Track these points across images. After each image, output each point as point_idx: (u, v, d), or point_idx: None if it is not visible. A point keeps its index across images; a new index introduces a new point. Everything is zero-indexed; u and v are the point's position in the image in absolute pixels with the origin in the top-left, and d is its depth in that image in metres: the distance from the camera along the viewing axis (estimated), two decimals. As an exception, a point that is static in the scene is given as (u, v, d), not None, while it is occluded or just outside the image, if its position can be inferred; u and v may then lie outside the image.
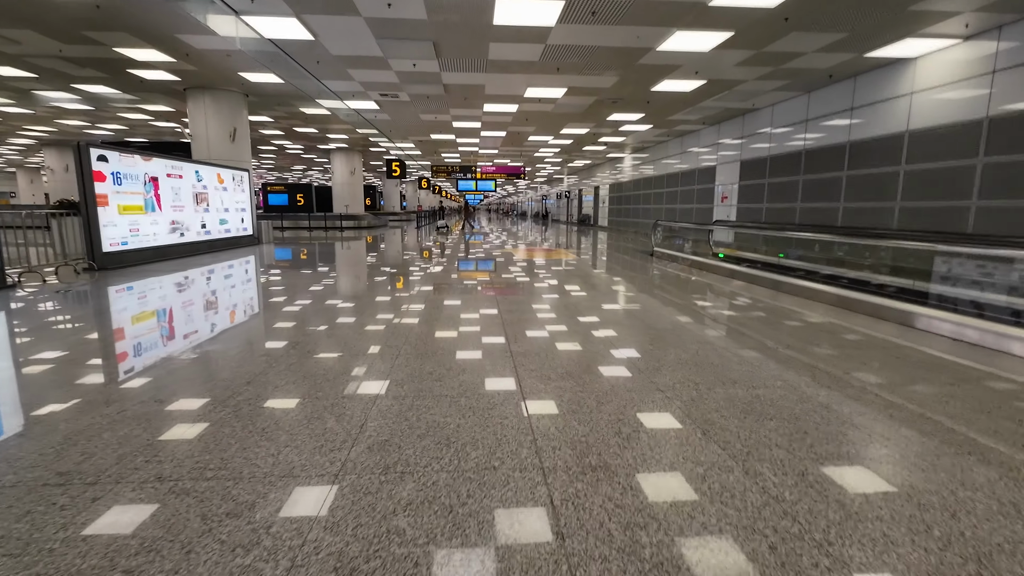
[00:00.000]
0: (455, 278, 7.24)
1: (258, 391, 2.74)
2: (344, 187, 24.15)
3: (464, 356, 3.43)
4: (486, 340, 3.82)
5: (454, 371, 3.11)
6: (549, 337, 3.95)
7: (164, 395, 2.67)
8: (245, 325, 4.41)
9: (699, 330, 4.28)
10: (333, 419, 2.39)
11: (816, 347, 3.77)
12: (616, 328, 4.30)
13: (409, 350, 3.54)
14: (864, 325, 4.52)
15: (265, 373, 3.04)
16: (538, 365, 3.23)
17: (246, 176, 13.11)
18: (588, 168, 28.25)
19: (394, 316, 4.66)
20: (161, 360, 3.32)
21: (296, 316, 4.65)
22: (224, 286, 6.82)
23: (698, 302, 5.71)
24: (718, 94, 10.21)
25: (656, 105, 11.42)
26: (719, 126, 13.79)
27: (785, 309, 5.27)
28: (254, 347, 3.64)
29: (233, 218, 12.39)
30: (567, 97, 10.65)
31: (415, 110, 12.39)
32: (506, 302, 5.39)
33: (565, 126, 14.40)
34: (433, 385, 2.88)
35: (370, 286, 6.55)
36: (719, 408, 2.56)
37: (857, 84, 8.85)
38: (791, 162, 10.71)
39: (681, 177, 16.35)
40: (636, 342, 3.84)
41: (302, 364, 3.22)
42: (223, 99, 12.57)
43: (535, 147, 19.64)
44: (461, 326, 4.27)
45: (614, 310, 5.13)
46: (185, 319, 4.70)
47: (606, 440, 2.19)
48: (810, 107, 10.10)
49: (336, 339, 3.84)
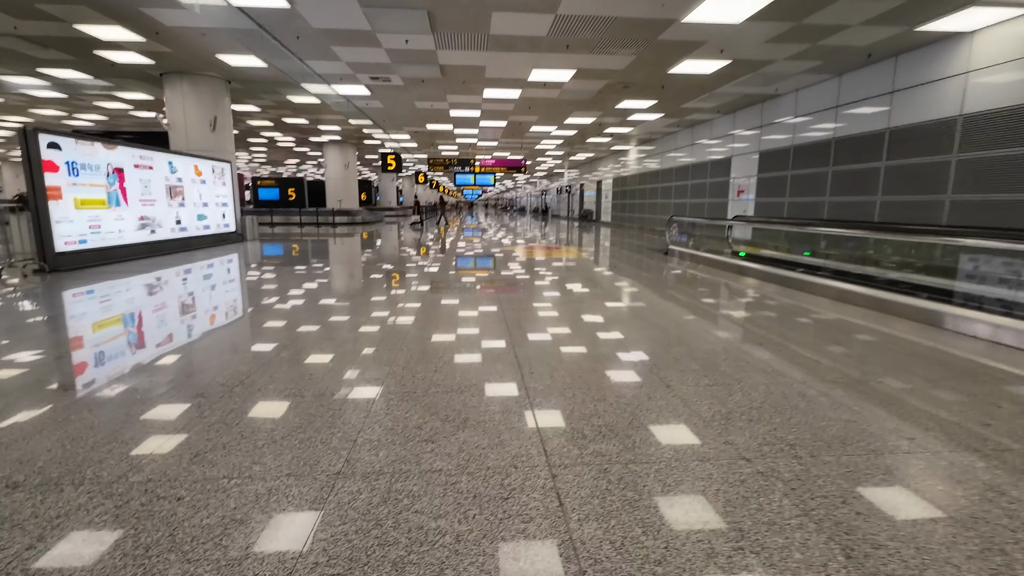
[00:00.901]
0: (451, 282, 6.40)
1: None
2: (338, 181, 23.27)
3: (469, 401, 2.57)
4: (495, 387, 2.97)
5: (455, 425, 2.26)
6: (571, 368, 3.09)
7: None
8: (210, 338, 3.55)
9: (759, 356, 3.43)
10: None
11: (925, 385, 2.92)
12: (652, 349, 3.45)
13: (405, 385, 2.69)
14: (941, 341, 3.68)
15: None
16: (569, 427, 2.38)
17: (228, 168, 12.20)
18: (590, 162, 27.34)
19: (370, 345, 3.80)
20: (98, 385, 2.47)
21: (270, 329, 3.79)
22: (193, 291, 5.95)
23: (738, 313, 4.86)
24: (741, 77, 9.33)
25: (671, 91, 10.53)
26: (734, 115, 12.91)
27: (848, 324, 4.42)
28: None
29: (213, 213, 11.49)
30: (575, 81, 9.75)
31: (409, 97, 11.48)
32: (513, 313, 4.53)
33: (570, 115, 13.49)
34: (430, 457, 2.02)
35: (355, 289, 5.69)
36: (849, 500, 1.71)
37: (899, 64, 7.98)
38: (818, 152, 9.84)
39: (692, 170, 15.47)
40: (686, 379, 2.98)
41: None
42: (203, 85, 11.66)
43: (536, 139, 18.73)
44: (460, 357, 3.42)
45: (648, 327, 4.28)
46: (141, 332, 3.94)
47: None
48: (841, 91, 9.22)
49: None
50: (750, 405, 2.50)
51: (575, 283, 6.34)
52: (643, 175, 19.69)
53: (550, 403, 2.49)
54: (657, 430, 2.22)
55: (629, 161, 21.32)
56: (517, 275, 6.93)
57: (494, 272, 7.28)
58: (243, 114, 15.66)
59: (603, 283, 6.45)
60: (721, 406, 2.48)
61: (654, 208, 18.62)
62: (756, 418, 2.34)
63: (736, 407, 2.47)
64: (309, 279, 6.64)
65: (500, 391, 2.65)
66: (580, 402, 2.50)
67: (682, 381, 2.82)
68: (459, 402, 2.50)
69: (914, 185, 7.76)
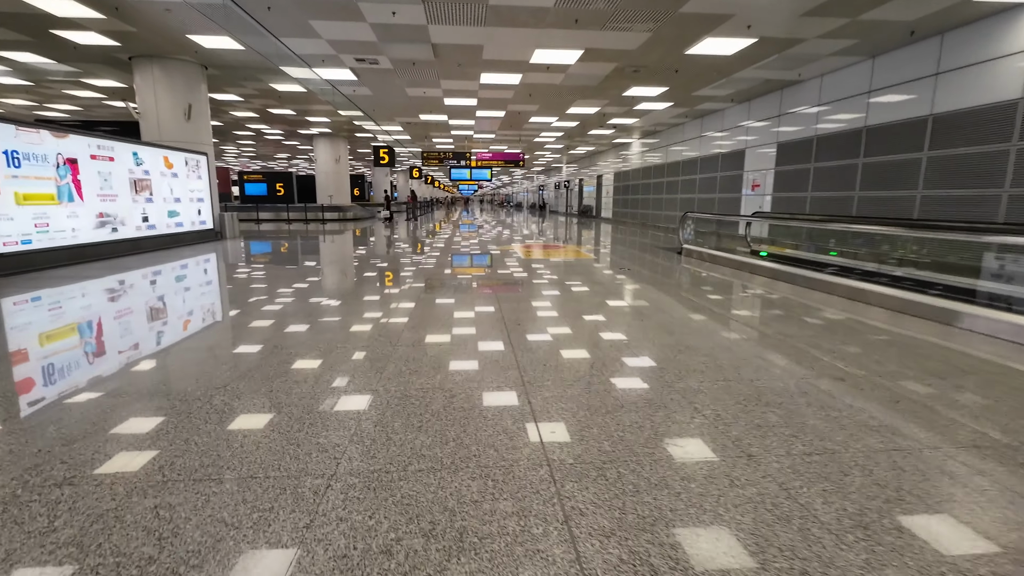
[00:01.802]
0: (442, 287, 5.54)
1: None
2: (328, 176, 22.35)
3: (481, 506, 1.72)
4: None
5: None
6: (595, 409, 2.25)
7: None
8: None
9: (844, 400, 2.59)
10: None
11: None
12: (703, 387, 2.61)
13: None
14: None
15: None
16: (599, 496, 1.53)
17: (204, 161, 11.27)
18: (590, 156, 26.47)
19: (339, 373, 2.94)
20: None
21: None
22: (156, 297, 5.08)
23: (788, 329, 4.02)
24: (765, 59, 8.48)
25: (685, 75, 9.67)
26: (749, 104, 12.07)
27: (924, 344, 3.59)
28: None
29: (186, 210, 10.56)
30: (581, 64, 8.88)
31: (400, 83, 10.57)
32: (518, 337, 3.69)
33: (573, 104, 12.61)
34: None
35: (335, 293, 4.82)
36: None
37: (945, 43, 7.15)
38: (846, 143, 9.02)
39: (701, 163, 14.64)
40: (768, 443, 2.14)
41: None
42: (175, 70, 10.74)
43: (536, 131, 17.83)
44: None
45: (683, 348, 3.44)
46: (93, 346, 3.35)
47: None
48: (875, 75, 8.39)
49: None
50: (838, 470, 1.66)
51: (586, 290, 5.50)
52: (646, 169, 18.84)
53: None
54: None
55: (632, 155, 20.46)
56: (515, 275, 6.08)
57: (490, 272, 6.44)
58: (225, 104, 14.71)
59: (619, 290, 5.61)
60: (787, 454, 1.65)
61: (659, 204, 17.79)
62: (829, 476, 1.51)
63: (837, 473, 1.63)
64: (288, 281, 5.78)
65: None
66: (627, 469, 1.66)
67: (765, 449, 1.99)
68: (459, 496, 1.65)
69: (963, 178, 6.94)
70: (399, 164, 36.85)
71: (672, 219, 16.59)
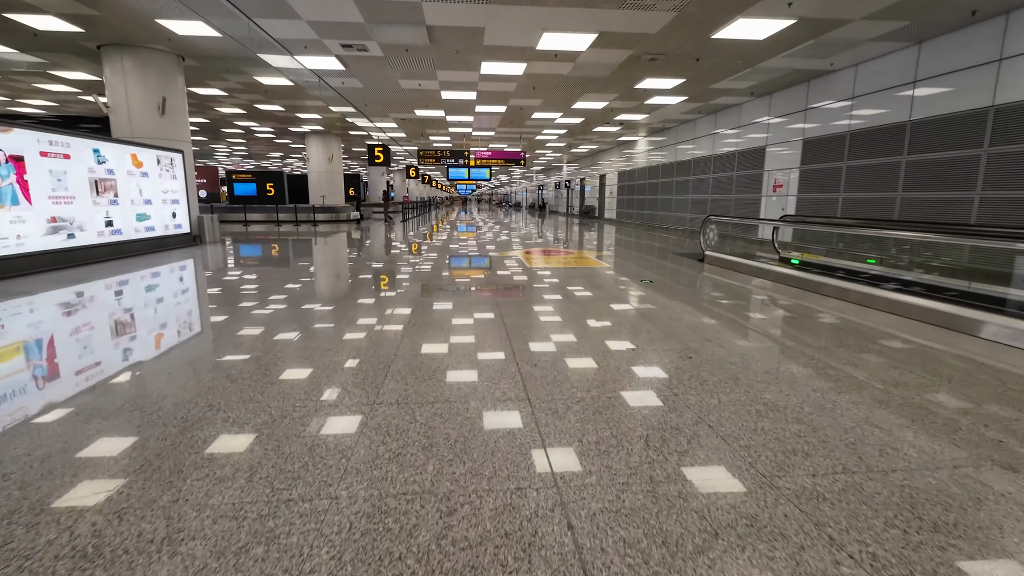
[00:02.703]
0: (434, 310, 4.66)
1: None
2: (321, 175, 21.47)
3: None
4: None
5: None
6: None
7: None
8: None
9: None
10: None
11: None
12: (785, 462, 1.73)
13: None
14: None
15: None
16: None
17: (179, 159, 10.35)
18: (592, 155, 25.60)
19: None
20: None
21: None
22: (108, 315, 4.19)
23: (904, 378, 3.14)
24: (799, 45, 7.60)
25: (707, 64, 8.79)
26: (770, 98, 11.20)
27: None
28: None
29: (159, 212, 9.64)
30: (593, 52, 8.00)
31: (392, 74, 9.67)
32: (530, 371, 2.81)
33: (580, 98, 11.73)
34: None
35: (309, 309, 3.95)
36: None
37: (1010, 23, 6.29)
38: (886, 139, 8.16)
39: (714, 162, 13.76)
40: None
41: None
42: (148, 61, 9.85)
43: (537, 128, 16.95)
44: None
45: (750, 402, 2.55)
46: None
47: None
48: (921, 62, 7.53)
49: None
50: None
51: (607, 312, 4.62)
52: (653, 168, 17.97)
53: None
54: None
55: (637, 153, 19.59)
56: (520, 288, 5.20)
57: (489, 281, 5.56)
58: (209, 99, 13.83)
59: (650, 312, 4.74)
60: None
61: (667, 205, 16.92)
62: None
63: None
64: (263, 292, 4.89)
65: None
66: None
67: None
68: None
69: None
70: (396, 163, 35.93)
71: (681, 221, 15.73)
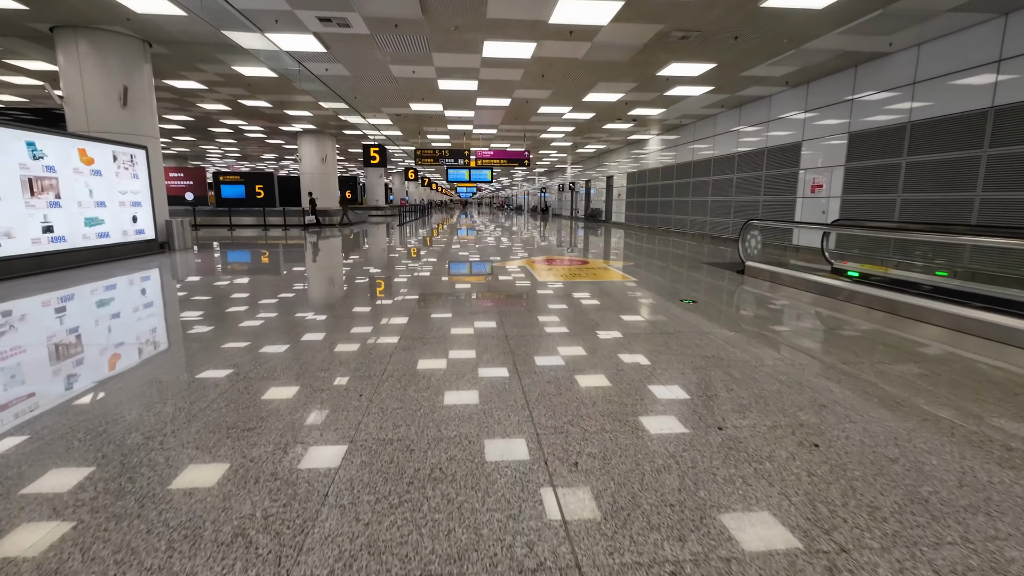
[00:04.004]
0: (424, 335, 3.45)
1: None
2: (314, 177, 20.36)
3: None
4: None
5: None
6: None
7: None
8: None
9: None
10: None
11: None
12: None
13: None
14: None
15: None
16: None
17: (143, 156, 9.16)
18: (599, 155, 24.42)
19: None
20: None
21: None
22: (19, 345, 3.04)
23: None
24: (864, 16, 6.38)
25: (746, 43, 7.58)
26: (807, 88, 9.99)
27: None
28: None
29: (116, 216, 8.44)
30: (616, 26, 6.81)
31: (381, 57, 8.48)
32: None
33: (594, 88, 10.53)
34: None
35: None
36: None
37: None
38: (961, 130, 6.94)
39: (740, 160, 12.55)
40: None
41: None
42: (107, 45, 8.73)
43: (543, 125, 15.77)
44: None
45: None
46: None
47: None
48: (1008, 36, 6.32)
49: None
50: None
51: (653, 350, 3.41)
52: (667, 169, 16.76)
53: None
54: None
55: (649, 153, 18.39)
56: (529, 310, 3.99)
57: (481, 310, 4.35)
58: (189, 94, 12.69)
59: (716, 354, 3.51)
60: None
61: (682, 207, 15.70)
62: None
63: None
64: (218, 310, 3.70)
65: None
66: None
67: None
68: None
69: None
70: (395, 165, 34.78)
71: (700, 225, 14.52)
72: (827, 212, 9.49)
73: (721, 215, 13.40)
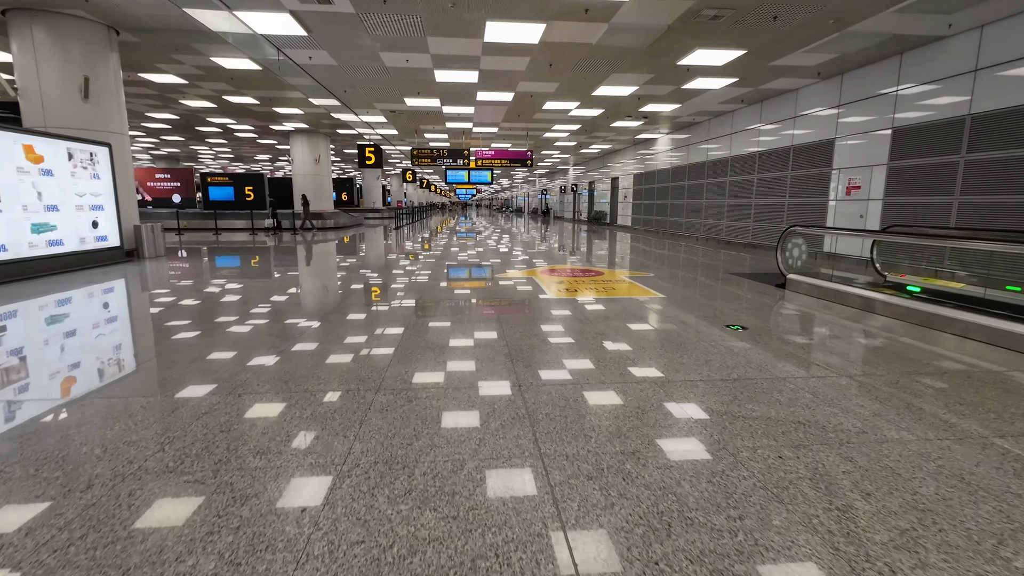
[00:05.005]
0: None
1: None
2: (306, 178, 19.47)
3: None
4: None
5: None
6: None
7: None
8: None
9: None
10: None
11: None
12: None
13: None
14: None
15: None
16: None
17: (105, 153, 8.23)
18: (603, 156, 23.52)
19: None
20: None
21: None
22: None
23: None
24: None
25: (786, 24, 6.67)
26: (842, 78, 9.08)
27: None
28: None
29: (71, 222, 7.51)
30: (639, 3, 5.89)
31: (370, 42, 7.56)
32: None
33: (606, 80, 9.61)
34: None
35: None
36: None
37: None
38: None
39: (760, 160, 11.63)
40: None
41: None
42: (67, 31, 7.88)
43: (547, 124, 14.86)
44: None
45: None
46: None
47: None
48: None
49: None
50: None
51: (724, 410, 2.49)
52: (678, 170, 15.85)
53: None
54: None
55: (658, 153, 17.48)
56: (544, 348, 3.07)
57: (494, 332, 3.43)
58: (169, 89, 11.80)
59: (804, 418, 2.59)
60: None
61: (695, 210, 14.78)
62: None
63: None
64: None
65: None
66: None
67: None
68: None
69: None
70: (393, 167, 33.84)
71: (715, 229, 13.59)
72: (865, 216, 8.57)
73: (739, 219, 12.48)
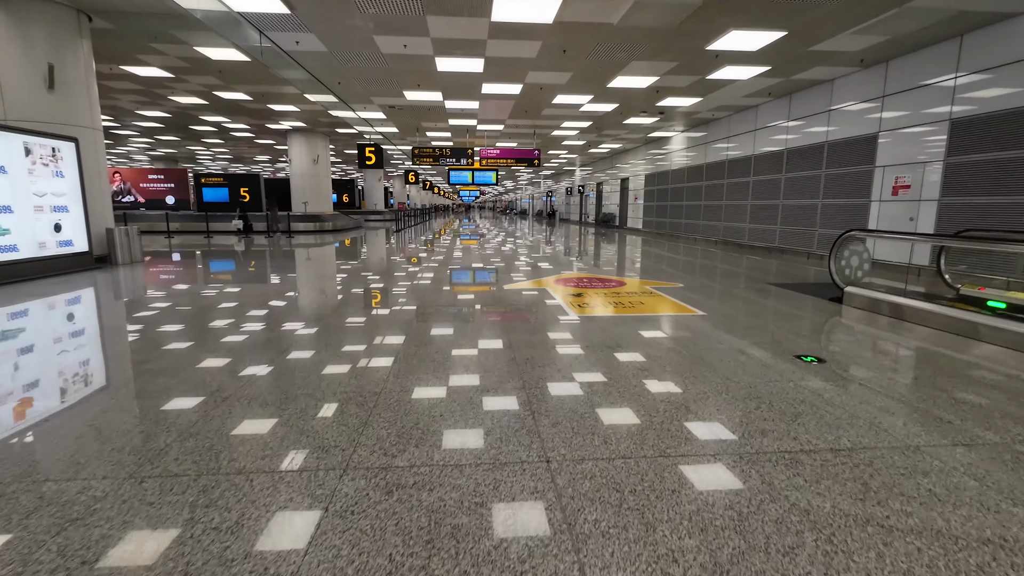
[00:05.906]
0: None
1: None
2: (304, 179, 18.74)
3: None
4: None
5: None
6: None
7: None
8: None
9: None
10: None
11: None
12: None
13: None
14: None
15: None
16: None
17: (71, 149, 7.43)
18: (612, 156, 22.66)
19: None
20: None
21: None
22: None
23: None
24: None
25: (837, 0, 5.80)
26: (886, 66, 8.18)
27: None
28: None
29: (28, 225, 6.70)
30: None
31: (363, 24, 6.72)
32: None
33: (624, 68, 8.74)
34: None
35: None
36: None
37: None
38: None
39: (788, 157, 10.73)
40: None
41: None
42: (29, 15, 7.14)
43: (556, 120, 14.02)
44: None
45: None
46: None
47: None
48: None
49: None
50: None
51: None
52: (695, 169, 14.96)
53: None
54: None
55: (672, 151, 16.60)
56: (579, 404, 2.21)
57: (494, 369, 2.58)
58: (155, 84, 11.04)
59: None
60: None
61: (714, 212, 13.88)
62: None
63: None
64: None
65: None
66: None
67: None
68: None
69: None
70: (395, 168, 33.07)
71: (736, 232, 12.69)
72: (916, 219, 7.66)
73: (764, 221, 11.58)
